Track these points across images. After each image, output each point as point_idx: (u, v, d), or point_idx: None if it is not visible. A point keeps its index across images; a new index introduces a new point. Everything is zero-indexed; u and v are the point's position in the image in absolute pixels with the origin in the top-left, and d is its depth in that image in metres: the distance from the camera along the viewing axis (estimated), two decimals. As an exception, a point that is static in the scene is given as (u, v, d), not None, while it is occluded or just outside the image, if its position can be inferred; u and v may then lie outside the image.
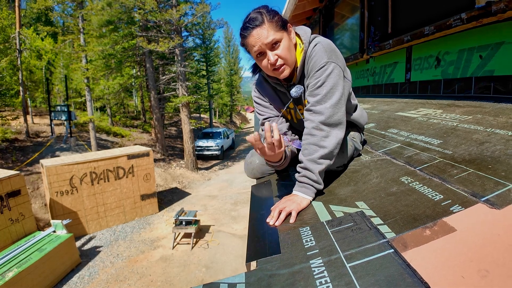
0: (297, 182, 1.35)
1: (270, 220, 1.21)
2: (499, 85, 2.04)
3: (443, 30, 2.44)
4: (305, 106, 1.58)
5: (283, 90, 1.54)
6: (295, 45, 1.41)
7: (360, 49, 4.18)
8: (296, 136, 1.66)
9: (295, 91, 1.45)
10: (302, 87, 1.46)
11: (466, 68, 2.36)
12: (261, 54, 1.32)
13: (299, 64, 1.41)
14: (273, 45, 1.28)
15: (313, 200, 1.32)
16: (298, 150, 1.50)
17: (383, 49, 3.56)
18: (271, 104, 1.63)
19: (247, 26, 1.28)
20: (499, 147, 1.26)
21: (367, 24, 3.93)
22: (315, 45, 1.36)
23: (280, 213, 1.22)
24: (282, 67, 1.33)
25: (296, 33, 1.43)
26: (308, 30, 1.43)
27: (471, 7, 2.09)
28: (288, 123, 1.68)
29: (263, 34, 1.25)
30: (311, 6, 6.03)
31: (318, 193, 1.37)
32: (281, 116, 1.64)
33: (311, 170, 1.28)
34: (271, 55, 1.29)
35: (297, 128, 1.73)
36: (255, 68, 1.57)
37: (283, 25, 1.30)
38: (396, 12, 3.52)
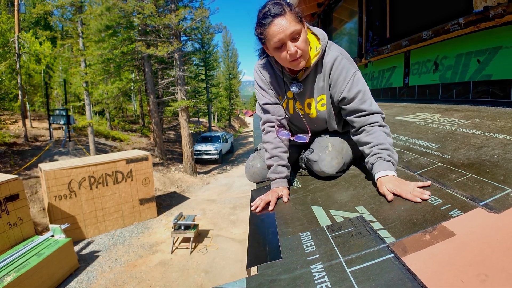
0: (381, 162, 1.30)
1: (424, 195, 1.10)
2: (497, 89, 2.05)
3: (441, 35, 2.46)
4: (304, 109, 1.62)
5: (286, 80, 1.56)
6: (308, 43, 1.43)
7: (358, 53, 4.20)
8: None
9: (294, 88, 1.52)
10: (302, 87, 1.51)
11: (464, 72, 2.38)
12: (281, 45, 1.31)
13: (311, 63, 1.44)
14: (294, 37, 1.29)
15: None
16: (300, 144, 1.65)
17: (381, 54, 3.58)
18: (270, 90, 1.63)
19: (268, 15, 1.27)
20: (497, 151, 1.27)
21: (365, 29, 3.95)
22: (338, 56, 1.42)
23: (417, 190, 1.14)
24: (300, 59, 1.34)
25: (313, 32, 1.46)
26: (325, 35, 1.45)
27: (468, 12, 2.11)
28: (287, 116, 1.68)
29: (285, 24, 1.25)
30: (309, 11, 6.06)
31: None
32: (279, 105, 1.64)
33: (393, 152, 1.32)
34: (292, 46, 1.29)
35: (290, 120, 1.74)
36: (263, 52, 1.57)
37: (301, 17, 1.32)
38: (394, 17, 3.54)
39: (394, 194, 1.17)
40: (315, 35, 1.45)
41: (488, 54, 2.14)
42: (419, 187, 1.15)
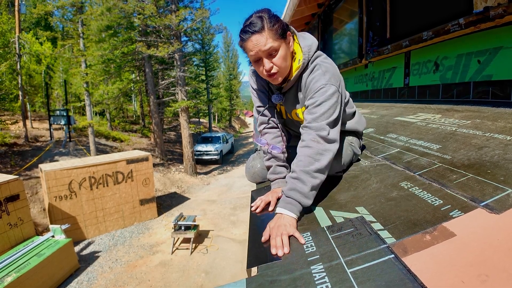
0: (283, 196, 1.27)
1: (278, 250, 1.03)
2: (497, 89, 2.05)
3: (441, 35, 2.46)
4: (292, 117, 1.62)
5: (272, 88, 1.60)
6: (293, 54, 1.41)
7: (359, 54, 4.20)
8: (280, 139, 1.66)
9: (274, 98, 1.55)
10: (283, 98, 1.53)
11: (464, 73, 2.38)
12: (258, 59, 1.34)
13: (293, 76, 1.42)
14: (270, 53, 1.30)
15: (298, 220, 1.23)
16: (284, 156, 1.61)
17: (381, 54, 3.58)
18: (263, 93, 1.65)
19: (247, 30, 1.28)
20: (498, 152, 1.27)
21: (366, 30, 3.95)
22: (315, 66, 1.38)
23: (281, 239, 1.08)
24: (276, 75, 1.35)
25: (298, 43, 1.42)
26: (314, 45, 1.42)
27: (469, 13, 2.11)
28: (282, 119, 1.70)
29: (262, 41, 1.26)
30: (309, 12, 6.06)
31: (304, 211, 1.28)
32: (267, 107, 1.65)
33: (303, 182, 1.22)
34: (267, 63, 1.31)
35: (286, 124, 1.76)
36: None
37: (283, 33, 1.31)
38: (395, 18, 3.54)
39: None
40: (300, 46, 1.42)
41: (489, 54, 2.13)
42: (292, 236, 1.10)
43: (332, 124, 1.31)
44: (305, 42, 1.42)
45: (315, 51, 1.43)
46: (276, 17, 1.32)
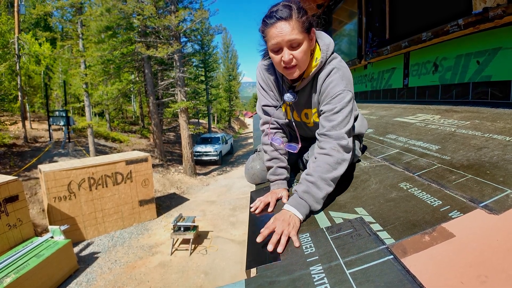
0: (295, 196, 1.27)
1: (269, 246, 1.06)
2: (496, 90, 2.05)
3: (441, 36, 2.47)
4: (301, 117, 1.59)
5: (284, 86, 1.54)
6: (312, 52, 1.38)
7: (358, 55, 4.20)
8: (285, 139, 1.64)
9: (287, 96, 1.47)
10: (296, 97, 1.47)
11: (463, 73, 2.38)
12: (278, 49, 1.28)
13: (308, 74, 1.40)
14: (293, 45, 1.25)
15: (303, 221, 1.22)
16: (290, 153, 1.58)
17: (381, 55, 3.58)
18: (271, 92, 1.60)
19: (273, 15, 1.23)
20: (497, 152, 1.27)
21: (365, 30, 3.95)
22: (333, 69, 1.35)
23: (279, 237, 1.09)
24: (294, 69, 1.30)
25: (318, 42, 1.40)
26: (331, 45, 1.40)
27: (468, 13, 2.11)
28: (287, 120, 1.66)
29: (287, 30, 1.21)
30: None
31: (310, 214, 1.27)
32: (279, 107, 1.60)
33: (319, 188, 1.23)
34: (287, 54, 1.25)
35: (289, 125, 1.72)
36: (267, 53, 1.48)
37: (309, 27, 1.28)
38: (394, 18, 3.55)
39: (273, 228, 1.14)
40: (318, 44, 1.39)
41: (488, 55, 2.14)
42: (290, 237, 1.09)
43: (349, 133, 1.33)
44: (323, 41, 1.39)
45: (332, 52, 1.40)
46: (304, 9, 1.28)
